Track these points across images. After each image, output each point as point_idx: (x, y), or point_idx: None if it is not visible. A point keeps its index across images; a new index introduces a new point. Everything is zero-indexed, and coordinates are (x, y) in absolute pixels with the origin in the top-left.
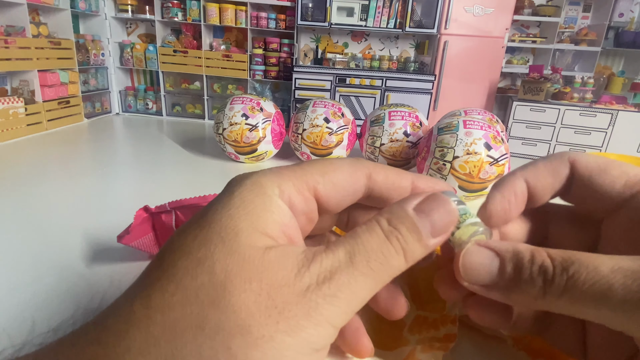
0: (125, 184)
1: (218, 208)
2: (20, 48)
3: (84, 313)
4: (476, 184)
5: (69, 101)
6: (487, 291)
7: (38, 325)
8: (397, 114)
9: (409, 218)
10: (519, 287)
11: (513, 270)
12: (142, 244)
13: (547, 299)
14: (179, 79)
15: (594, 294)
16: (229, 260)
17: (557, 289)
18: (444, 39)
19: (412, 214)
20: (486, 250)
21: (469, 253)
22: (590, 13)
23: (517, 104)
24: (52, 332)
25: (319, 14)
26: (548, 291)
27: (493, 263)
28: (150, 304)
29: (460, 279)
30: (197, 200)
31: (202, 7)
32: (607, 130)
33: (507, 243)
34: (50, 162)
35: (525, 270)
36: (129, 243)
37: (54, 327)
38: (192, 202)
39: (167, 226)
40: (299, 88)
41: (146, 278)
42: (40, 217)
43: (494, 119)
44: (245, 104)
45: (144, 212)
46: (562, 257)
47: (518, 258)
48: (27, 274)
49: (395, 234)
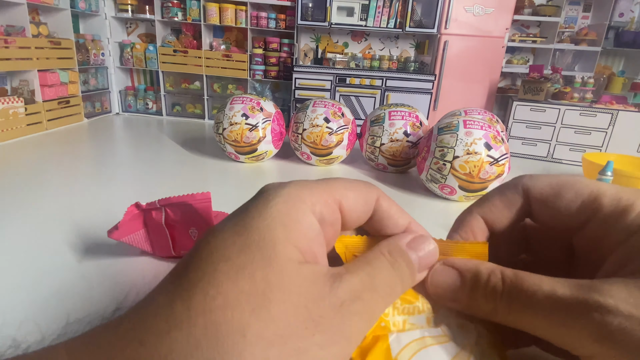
0: (126, 184)
1: (255, 216)
2: (20, 48)
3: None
4: (476, 183)
5: (69, 101)
6: (452, 304)
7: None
8: (397, 113)
9: (406, 254)
10: (475, 303)
11: (470, 289)
12: (134, 240)
13: (500, 312)
14: (179, 78)
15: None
16: (267, 270)
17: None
18: (444, 39)
19: (406, 249)
20: (451, 269)
21: (436, 272)
22: (591, 13)
23: (517, 103)
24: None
25: (319, 13)
26: (499, 308)
27: (456, 281)
28: (191, 306)
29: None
30: (185, 199)
31: (202, 6)
32: (607, 130)
33: (471, 263)
34: (50, 162)
35: (479, 290)
36: (119, 238)
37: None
38: (181, 200)
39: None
40: (299, 88)
41: (184, 277)
42: (40, 216)
43: (494, 118)
44: (245, 103)
45: (135, 209)
46: (514, 276)
47: (477, 278)
48: (27, 272)
49: (396, 265)
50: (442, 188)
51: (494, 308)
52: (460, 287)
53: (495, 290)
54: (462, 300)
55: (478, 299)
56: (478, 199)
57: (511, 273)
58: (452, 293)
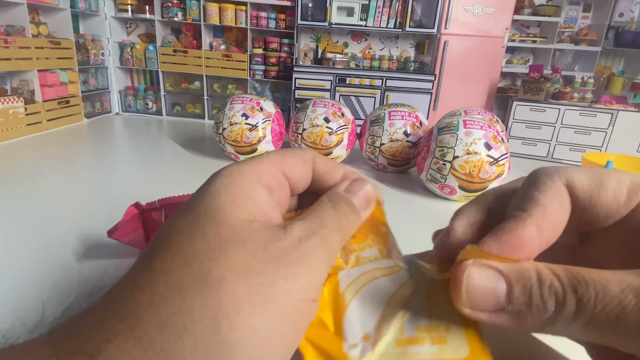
0: (125, 184)
1: (200, 194)
2: (20, 48)
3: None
4: (476, 183)
5: (69, 101)
6: (493, 318)
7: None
8: (397, 113)
9: (345, 196)
10: (530, 312)
11: (522, 293)
12: (133, 240)
13: (558, 325)
14: (179, 78)
15: (606, 318)
16: (219, 229)
17: (569, 314)
18: (444, 39)
19: (343, 194)
20: (490, 270)
21: (472, 275)
22: (590, 13)
23: (517, 103)
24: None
25: (319, 13)
26: (559, 316)
27: (499, 286)
28: (152, 271)
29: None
30: (186, 198)
31: (202, 6)
32: (607, 130)
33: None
34: (50, 162)
35: (535, 293)
36: (119, 239)
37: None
38: (181, 199)
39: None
40: (299, 88)
41: (143, 257)
42: (40, 216)
43: (494, 118)
44: (245, 103)
45: (135, 209)
46: (567, 276)
47: (525, 278)
48: (27, 272)
49: (338, 207)
50: (442, 188)
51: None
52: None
53: (556, 292)
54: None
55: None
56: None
57: (562, 268)
58: (495, 301)
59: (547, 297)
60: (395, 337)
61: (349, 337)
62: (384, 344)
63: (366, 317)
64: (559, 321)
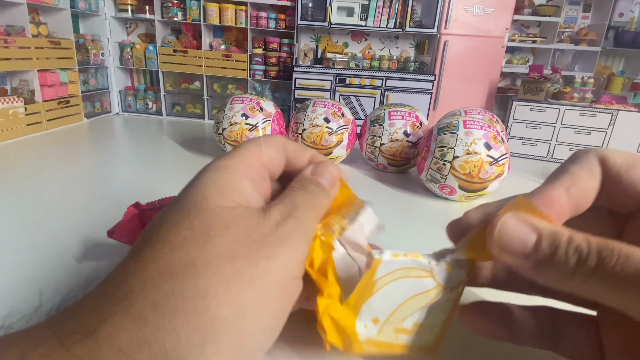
0: (125, 184)
1: (188, 188)
2: (20, 48)
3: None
4: (476, 183)
5: (69, 101)
6: (517, 261)
7: None
8: (397, 113)
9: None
10: (551, 263)
11: (549, 246)
12: (133, 240)
13: (576, 279)
14: (179, 78)
15: (622, 278)
16: (204, 217)
17: (588, 269)
18: (444, 39)
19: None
20: (526, 223)
21: (507, 222)
22: (590, 13)
23: (517, 103)
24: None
25: (319, 13)
26: (578, 271)
27: (530, 237)
28: (141, 259)
29: (491, 245)
30: None
31: (202, 6)
32: (607, 130)
33: (547, 223)
34: (50, 162)
35: (561, 248)
36: (119, 239)
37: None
38: None
39: None
40: (299, 88)
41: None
42: (40, 216)
43: (494, 118)
44: (245, 103)
45: (135, 209)
46: (597, 243)
47: (556, 237)
48: (26, 272)
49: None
50: (442, 188)
51: (570, 271)
52: (535, 244)
53: (580, 251)
54: (532, 258)
55: (552, 264)
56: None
57: (597, 238)
58: (522, 247)
59: (571, 254)
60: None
61: (363, 317)
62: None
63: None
64: (577, 276)
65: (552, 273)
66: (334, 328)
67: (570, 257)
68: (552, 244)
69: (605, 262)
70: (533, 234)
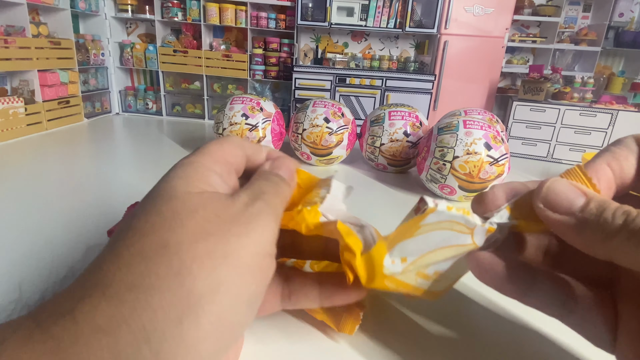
0: (126, 184)
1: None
2: (20, 48)
3: None
4: (476, 183)
5: (69, 101)
6: (560, 219)
7: None
8: (397, 114)
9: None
10: (596, 222)
11: (596, 207)
12: None
13: (616, 240)
14: (179, 78)
15: None
16: (171, 203)
17: (631, 230)
18: (444, 39)
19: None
20: (576, 188)
21: (558, 181)
22: (590, 13)
23: (517, 103)
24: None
25: (319, 13)
26: (622, 231)
27: (579, 198)
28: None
29: (535, 200)
30: None
31: (202, 7)
32: (607, 130)
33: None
34: (50, 162)
35: (608, 209)
36: None
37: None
38: None
39: None
40: (299, 88)
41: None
42: (40, 216)
43: (494, 118)
44: (245, 104)
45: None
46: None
47: (605, 202)
48: (26, 272)
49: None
50: (442, 188)
51: (610, 236)
52: (582, 206)
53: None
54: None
55: (597, 224)
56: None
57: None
58: (568, 205)
59: (619, 215)
60: (419, 270)
61: (394, 253)
62: (409, 270)
63: (416, 249)
64: (620, 235)
65: (595, 232)
66: (362, 259)
67: (617, 217)
68: (600, 206)
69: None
70: (582, 197)
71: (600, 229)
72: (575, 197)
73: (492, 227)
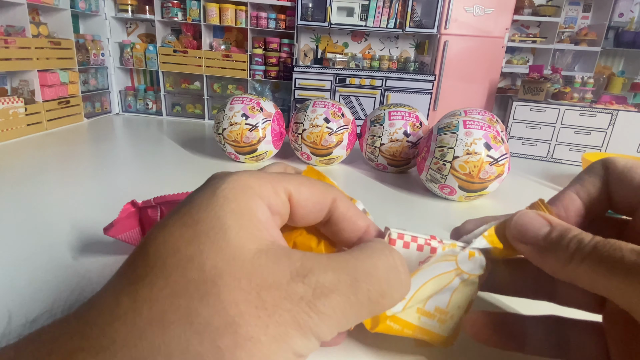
0: (125, 183)
1: (202, 206)
2: (20, 48)
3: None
4: (476, 183)
5: (69, 101)
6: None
7: (14, 318)
8: (397, 114)
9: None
10: (554, 249)
11: (557, 236)
12: (129, 238)
13: (572, 264)
14: (179, 79)
15: (607, 262)
16: (218, 258)
17: (582, 254)
18: (444, 39)
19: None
20: (542, 218)
21: (527, 213)
22: (590, 13)
23: (517, 104)
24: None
25: (319, 14)
26: (576, 255)
27: (544, 227)
28: (137, 297)
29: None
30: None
31: (202, 7)
32: (607, 130)
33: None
34: (50, 162)
35: (566, 237)
36: (115, 236)
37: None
38: (176, 197)
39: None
40: (299, 88)
41: (132, 273)
42: (40, 216)
43: (494, 119)
44: (245, 104)
45: (132, 207)
46: (599, 238)
47: (565, 229)
48: (23, 269)
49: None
50: (442, 188)
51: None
52: (545, 234)
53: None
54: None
55: (557, 250)
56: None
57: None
58: (533, 235)
59: (573, 242)
60: (418, 306)
61: None
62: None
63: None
64: (574, 260)
65: (554, 258)
66: None
67: (571, 244)
68: (561, 234)
69: (599, 248)
70: (547, 226)
71: (559, 254)
72: (541, 227)
73: (472, 251)
